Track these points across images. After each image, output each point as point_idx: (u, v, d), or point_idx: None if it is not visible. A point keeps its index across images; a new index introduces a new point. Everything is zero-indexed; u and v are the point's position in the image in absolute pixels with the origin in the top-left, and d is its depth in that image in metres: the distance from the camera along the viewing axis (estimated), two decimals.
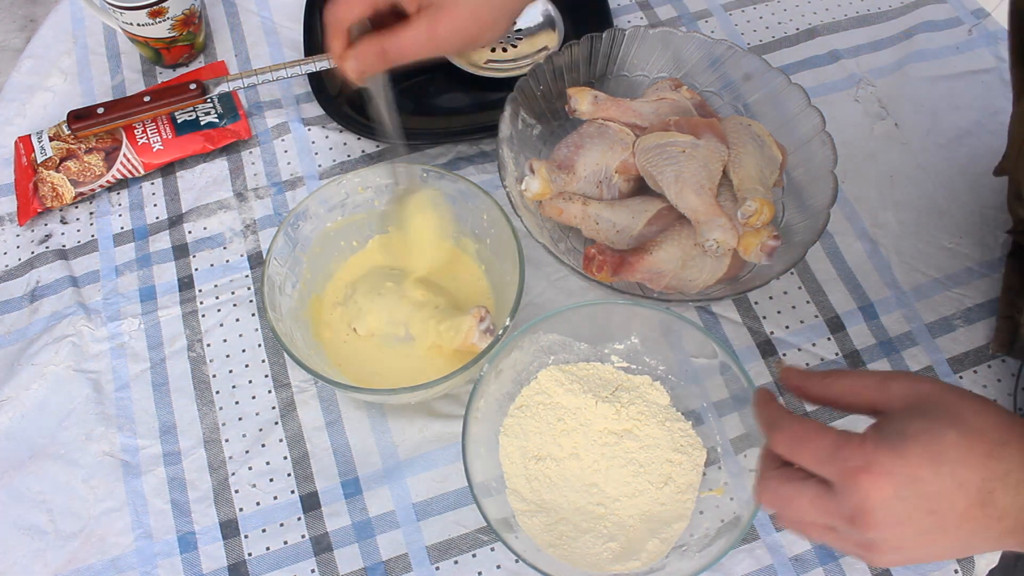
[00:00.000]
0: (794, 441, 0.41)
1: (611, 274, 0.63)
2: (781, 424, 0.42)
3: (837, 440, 0.39)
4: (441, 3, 0.49)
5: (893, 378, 0.42)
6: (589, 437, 0.60)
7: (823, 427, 0.40)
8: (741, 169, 0.65)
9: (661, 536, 0.57)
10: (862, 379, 0.42)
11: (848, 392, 0.43)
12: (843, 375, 0.44)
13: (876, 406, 0.42)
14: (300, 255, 0.65)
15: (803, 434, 0.41)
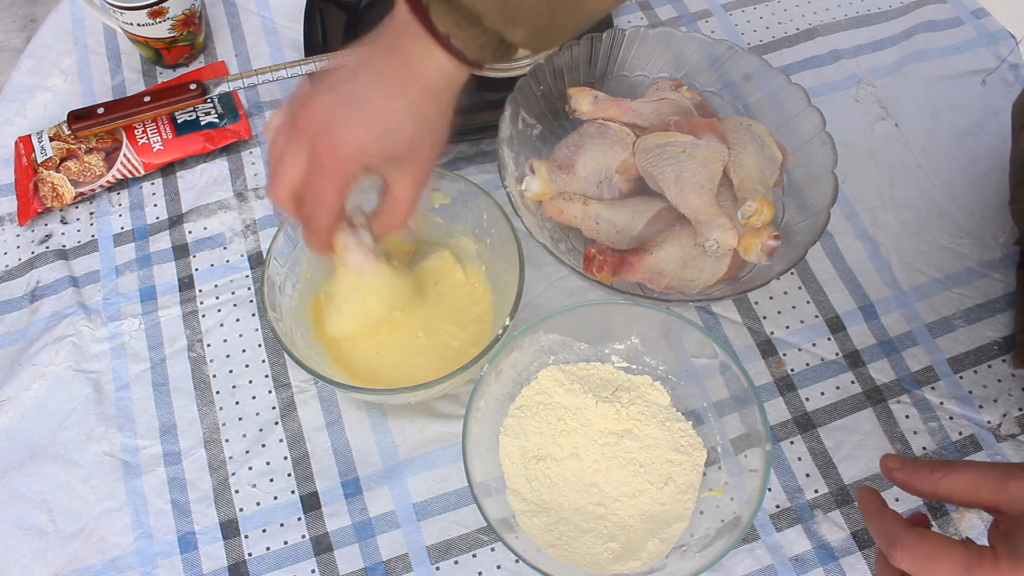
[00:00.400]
0: (921, 559, 0.40)
1: (611, 274, 0.63)
2: (902, 540, 0.41)
3: (968, 560, 0.38)
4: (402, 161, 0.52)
5: (1012, 475, 0.40)
6: (589, 437, 0.60)
7: (950, 544, 0.39)
8: (741, 169, 0.65)
9: (661, 536, 0.57)
10: (977, 475, 0.41)
11: (962, 490, 0.41)
12: (954, 469, 0.42)
13: (996, 506, 0.41)
14: (300, 255, 0.65)
15: (931, 553, 0.39)
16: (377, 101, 0.48)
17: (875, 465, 0.63)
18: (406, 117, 0.49)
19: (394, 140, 0.50)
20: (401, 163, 0.52)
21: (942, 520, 0.61)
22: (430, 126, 0.51)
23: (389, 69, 0.48)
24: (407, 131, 0.50)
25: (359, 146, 0.49)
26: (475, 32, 0.46)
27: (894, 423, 0.65)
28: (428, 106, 0.50)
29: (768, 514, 0.62)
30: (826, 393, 0.66)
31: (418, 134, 0.51)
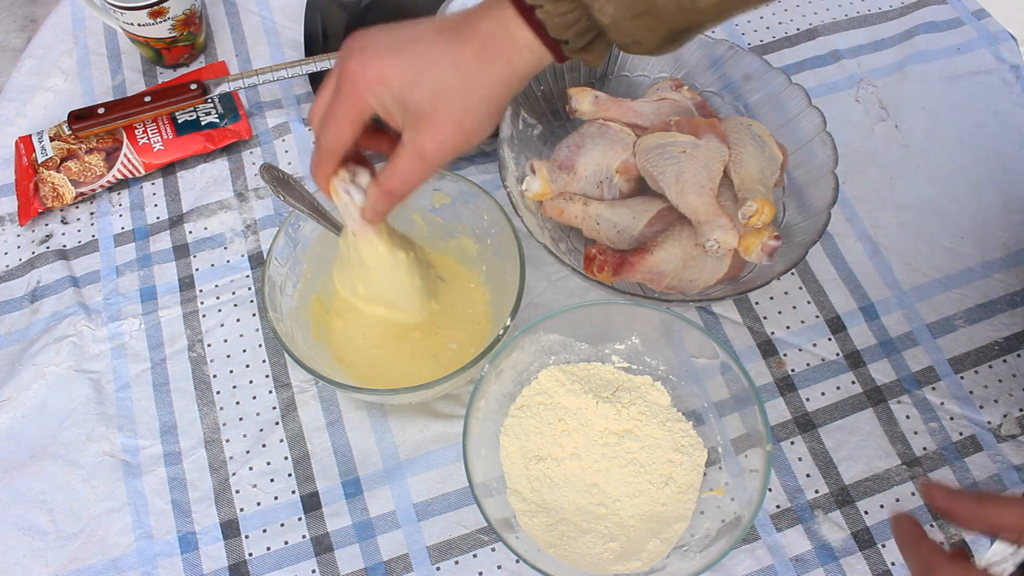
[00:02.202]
0: None
1: (612, 274, 0.63)
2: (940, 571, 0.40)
3: None
4: (419, 120, 0.45)
5: None
6: (590, 437, 0.60)
7: None
8: (742, 169, 0.65)
9: (662, 536, 0.57)
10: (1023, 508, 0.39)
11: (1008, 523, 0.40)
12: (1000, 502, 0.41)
13: None
14: (301, 255, 0.65)
15: None
16: (423, 41, 0.44)
17: (875, 465, 0.63)
18: (445, 65, 0.44)
19: (420, 84, 0.44)
20: (419, 122, 0.45)
21: (942, 520, 0.61)
22: (467, 92, 0.44)
23: (454, 23, 0.44)
24: (437, 80, 0.44)
25: (381, 75, 0.45)
26: (563, 8, 0.41)
27: (895, 423, 0.65)
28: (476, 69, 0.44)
29: (768, 514, 0.62)
30: (826, 393, 0.66)
31: (449, 90, 0.44)
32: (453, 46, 0.44)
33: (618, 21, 0.41)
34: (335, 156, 0.49)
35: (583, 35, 0.43)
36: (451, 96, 0.44)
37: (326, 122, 0.48)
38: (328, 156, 0.49)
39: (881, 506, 0.62)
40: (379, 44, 0.45)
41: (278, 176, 0.63)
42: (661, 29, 0.42)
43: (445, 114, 0.45)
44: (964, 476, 0.63)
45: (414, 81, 0.44)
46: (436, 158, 0.46)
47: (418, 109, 0.45)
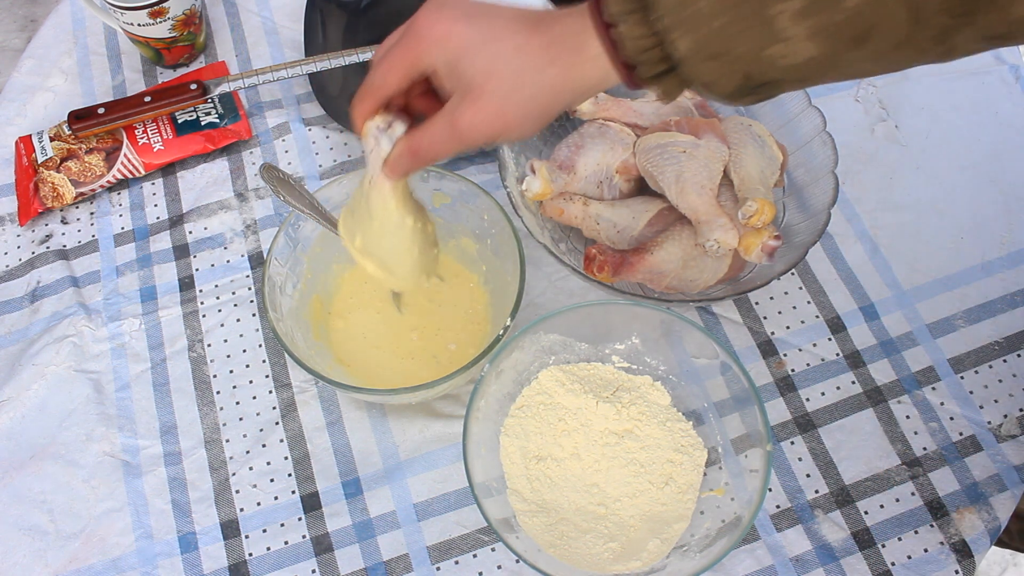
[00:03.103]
0: None
1: (612, 274, 0.63)
2: None
3: None
4: (466, 91, 0.44)
5: None
6: (590, 437, 0.60)
7: None
8: (742, 169, 0.65)
9: (662, 536, 0.57)
10: None
11: None
12: None
13: None
14: (301, 255, 0.65)
15: None
16: (498, 19, 0.43)
17: (875, 465, 0.63)
18: (508, 46, 0.43)
19: (478, 56, 0.43)
20: (465, 92, 0.44)
21: (942, 520, 0.61)
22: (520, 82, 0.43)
23: (535, 15, 0.43)
24: (495, 58, 0.43)
25: (447, 33, 0.44)
26: (639, 31, 0.39)
27: (895, 423, 0.65)
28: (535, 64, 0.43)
29: (768, 514, 0.62)
30: (826, 393, 0.66)
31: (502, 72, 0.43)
32: (523, 33, 0.43)
33: (691, 59, 0.39)
34: (377, 96, 0.48)
35: (655, 64, 0.41)
36: (502, 79, 0.43)
37: (381, 61, 0.47)
38: (370, 93, 0.48)
39: (881, 506, 0.62)
40: (458, 7, 0.45)
41: (278, 176, 0.63)
42: (736, 77, 0.40)
43: (491, 94, 0.43)
44: (964, 476, 0.63)
45: (474, 51, 0.43)
46: (469, 134, 0.45)
47: (468, 80, 0.44)
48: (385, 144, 0.49)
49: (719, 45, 0.38)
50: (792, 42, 0.37)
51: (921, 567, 0.60)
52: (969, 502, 0.62)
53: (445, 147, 0.47)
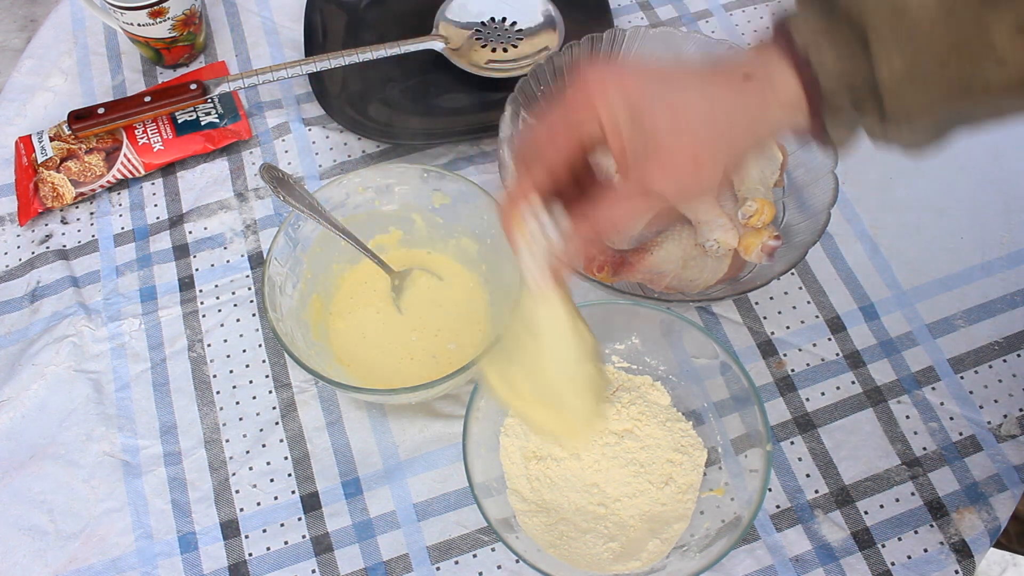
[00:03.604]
0: None
1: (612, 274, 0.63)
2: None
3: None
4: (649, 141, 0.38)
5: None
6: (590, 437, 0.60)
7: None
8: (742, 169, 0.65)
9: (662, 536, 0.57)
10: None
11: None
12: None
13: None
14: (301, 255, 0.65)
15: None
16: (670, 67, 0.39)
17: (875, 465, 0.63)
18: (693, 84, 0.38)
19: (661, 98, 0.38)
20: (648, 144, 0.38)
21: (942, 520, 0.61)
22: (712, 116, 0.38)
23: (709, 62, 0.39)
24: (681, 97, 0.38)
25: (620, 80, 0.38)
26: (842, 51, 0.36)
27: (894, 423, 0.65)
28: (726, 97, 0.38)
29: (768, 514, 0.62)
30: (826, 393, 0.66)
31: (691, 109, 0.38)
32: (706, 77, 0.39)
33: (901, 81, 0.36)
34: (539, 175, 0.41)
35: (853, 91, 0.37)
36: (694, 120, 0.38)
37: (539, 135, 0.41)
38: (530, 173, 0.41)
39: (881, 506, 0.62)
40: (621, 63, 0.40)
41: (278, 176, 0.63)
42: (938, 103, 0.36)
43: (682, 138, 0.38)
44: (964, 476, 0.63)
45: (657, 96, 0.38)
46: (657, 188, 0.39)
47: (653, 128, 0.38)
48: (551, 230, 0.41)
49: (934, 64, 0.35)
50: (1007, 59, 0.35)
51: (921, 567, 0.60)
52: (969, 502, 0.62)
53: (635, 211, 0.40)
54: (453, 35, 0.82)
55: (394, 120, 0.79)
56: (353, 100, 0.80)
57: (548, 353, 0.45)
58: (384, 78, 0.82)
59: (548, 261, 0.42)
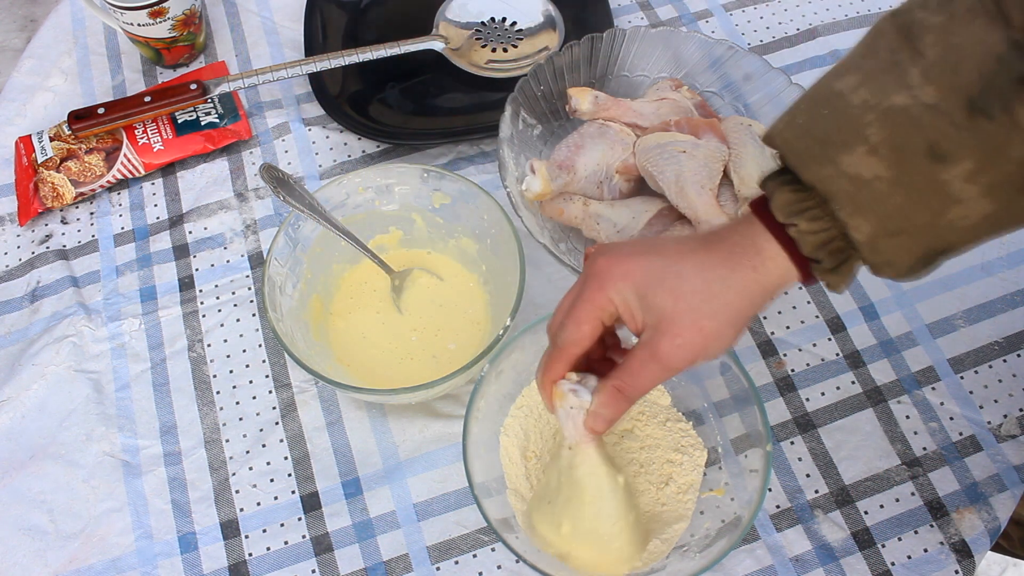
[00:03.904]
0: None
1: None
2: None
3: None
4: (659, 319, 0.43)
5: None
6: None
7: None
8: (742, 169, 0.65)
9: (662, 536, 0.57)
10: None
11: None
12: None
13: None
14: (301, 255, 0.65)
15: None
16: (668, 246, 0.45)
17: (875, 465, 0.63)
18: (689, 266, 0.43)
19: (663, 282, 0.44)
20: (658, 321, 0.44)
21: (942, 520, 0.61)
22: (710, 294, 0.43)
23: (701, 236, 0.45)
24: (681, 280, 0.43)
25: (626, 270, 0.44)
26: (817, 226, 0.41)
27: (894, 423, 0.65)
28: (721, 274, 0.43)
29: (768, 514, 0.62)
30: (826, 393, 0.66)
31: (691, 291, 0.43)
32: (699, 251, 0.44)
33: (873, 240, 0.40)
34: (570, 355, 0.47)
35: (835, 255, 0.41)
36: (693, 296, 0.43)
37: (566, 320, 0.46)
38: (562, 354, 0.47)
39: (881, 506, 0.62)
40: (626, 247, 0.46)
41: (278, 176, 0.63)
42: (916, 249, 0.40)
43: (685, 314, 0.43)
44: (964, 476, 0.63)
45: (658, 279, 0.44)
46: (671, 360, 0.44)
47: (659, 308, 0.43)
48: (584, 396, 0.47)
49: (899, 221, 0.39)
50: (968, 203, 0.38)
51: (921, 567, 0.60)
52: (969, 502, 0.62)
53: (649, 381, 0.45)
54: (453, 35, 0.82)
55: (394, 120, 0.79)
56: (353, 100, 0.80)
57: (588, 497, 0.50)
58: (384, 78, 0.82)
59: (586, 423, 0.48)
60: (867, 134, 0.39)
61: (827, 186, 0.40)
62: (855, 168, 0.39)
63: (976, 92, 0.36)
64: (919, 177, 0.38)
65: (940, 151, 0.37)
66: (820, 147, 0.40)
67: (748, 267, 0.43)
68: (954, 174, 0.37)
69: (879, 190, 0.39)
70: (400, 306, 0.67)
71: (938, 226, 0.39)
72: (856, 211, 0.39)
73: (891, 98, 0.38)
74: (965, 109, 0.36)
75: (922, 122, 0.37)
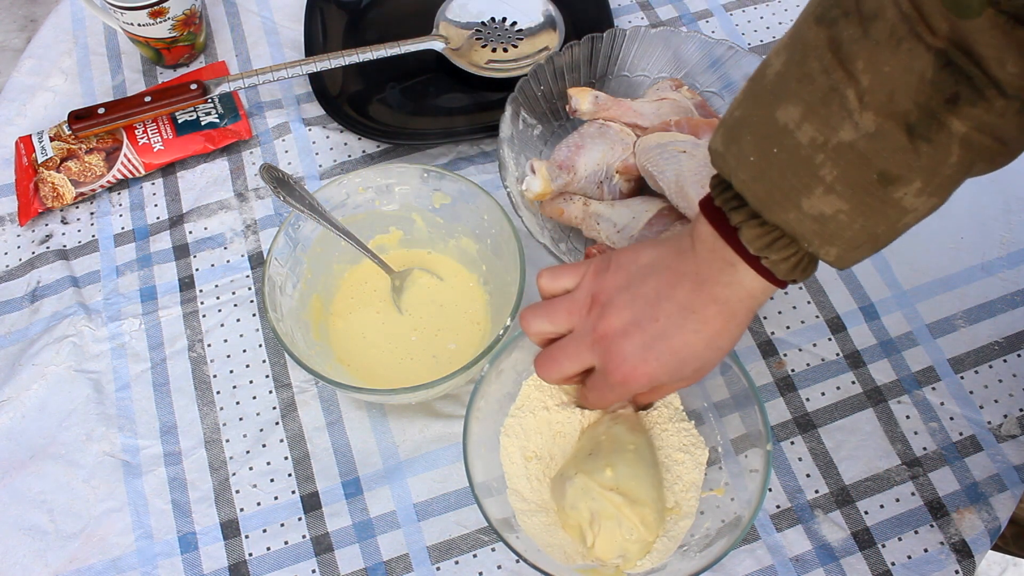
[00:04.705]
0: None
1: None
2: None
3: None
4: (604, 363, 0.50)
5: None
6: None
7: None
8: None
9: (669, 534, 0.57)
10: None
11: None
12: None
13: None
14: (301, 255, 0.65)
15: None
16: (676, 338, 0.47)
17: (875, 465, 0.63)
18: (702, 349, 0.48)
19: (684, 371, 0.49)
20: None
21: (942, 520, 0.61)
22: (721, 353, 0.49)
23: (695, 301, 0.47)
24: (699, 362, 0.49)
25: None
26: (787, 253, 0.43)
27: (895, 423, 0.65)
28: (724, 333, 0.47)
29: (769, 514, 0.62)
30: (827, 393, 0.66)
31: (708, 362, 0.49)
32: (701, 328, 0.47)
33: (841, 257, 0.43)
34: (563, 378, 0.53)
35: (807, 269, 0.45)
36: (710, 364, 0.49)
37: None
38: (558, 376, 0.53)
39: (881, 506, 0.62)
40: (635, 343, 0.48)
41: (278, 176, 0.63)
42: (875, 250, 0.44)
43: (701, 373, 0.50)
44: (964, 476, 0.63)
45: (679, 374, 0.49)
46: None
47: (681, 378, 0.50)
48: None
49: (862, 238, 0.42)
50: (919, 209, 0.41)
51: (921, 567, 0.60)
52: (969, 502, 0.62)
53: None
54: (453, 35, 0.82)
55: (394, 120, 0.80)
56: (353, 100, 0.80)
57: (632, 449, 0.55)
58: (384, 78, 0.82)
59: None
60: (822, 175, 0.40)
61: (793, 228, 0.42)
62: (817, 208, 0.41)
63: (914, 119, 0.38)
64: (875, 201, 0.40)
65: (890, 176, 0.39)
66: (780, 191, 0.41)
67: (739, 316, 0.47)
68: (905, 192, 0.40)
69: (842, 221, 0.41)
70: (400, 306, 0.67)
71: (895, 231, 0.42)
72: (823, 243, 0.42)
73: (837, 134, 0.39)
74: (905, 135, 0.38)
75: (869, 154, 0.39)
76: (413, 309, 0.68)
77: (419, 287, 0.69)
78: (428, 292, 0.69)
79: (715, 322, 0.47)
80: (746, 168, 0.43)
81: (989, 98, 0.37)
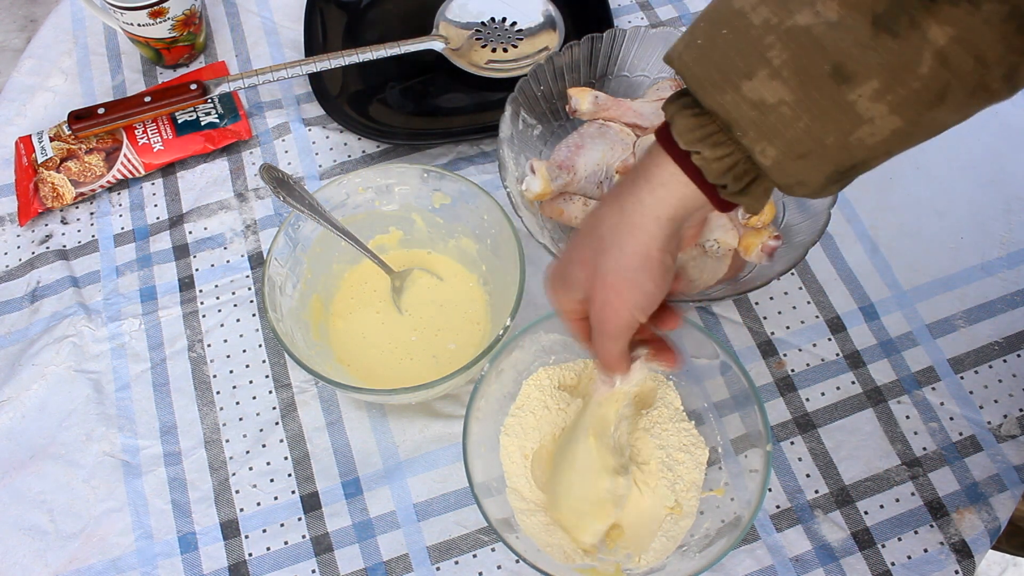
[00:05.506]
0: None
1: None
2: None
3: None
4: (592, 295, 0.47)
5: None
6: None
7: None
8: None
9: (668, 534, 0.57)
10: None
11: None
12: None
13: None
14: (301, 255, 0.65)
15: None
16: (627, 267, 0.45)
17: (875, 465, 0.63)
18: (655, 275, 0.45)
19: (649, 300, 0.46)
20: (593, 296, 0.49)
21: (942, 520, 0.61)
22: (669, 271, 0.46)
23: (627, 207, 0.44)
24: (657, 287, 0.46)
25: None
26: (720, 152, 0.40)
27: (894, 423, 0.65)
28: (664, 250, 0.45)
29: (768, 514, 0.62)
30: (826, 393, 0.66)
31: (665, 283, 0.46)
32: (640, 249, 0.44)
33: (780, 162, 0.39)
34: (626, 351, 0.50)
35: (741, 179, 0.41)
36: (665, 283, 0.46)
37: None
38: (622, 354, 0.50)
39: (881, 506, 0.62)
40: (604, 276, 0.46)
41: (278, 176, 0.63)
42: (825, 168, 0.39)
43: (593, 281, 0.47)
44: (964, 476, 0.63)
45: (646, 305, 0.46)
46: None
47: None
48: None
49: (807, 143, 0.38)
50: (876, 121, 0.37)
51: (921, 567, 0.60)
52: (969, 502, 0.62)
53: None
54: (453, 35, 0.82)
55: (394, 120, 0.80)
56: (353, 100, 0.80)
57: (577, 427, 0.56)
58: (384, 78, 0.82)
59: None
60: (769, 56, 0.37)
61: (729, 113, 0.39)
62: (758, 93, 0.38)
63: (881, 9, 0.35)
64: (824, 99, 0.37)
65: (845, 72, 0.36)
66: (720, 72, 0.38)
67: (637, 203, 0.43)
68: (860, 94, 0.36)
69: (784, 114, 0.38)
70: (400, 306, 0.67)
71: (847, 145, 0.38)
72: (761, 136, 0.38)
73: (793, 17, 0.36)
74: (870, 27, 0.35)
75: (825, 42, 0.36)
76: (413, 309, 0.68)
77: (419, 287, 0.69)
78: (428, 292, 0.69)
79: (654, 242, 0.44)
80: (691, 51, 0.40)
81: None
